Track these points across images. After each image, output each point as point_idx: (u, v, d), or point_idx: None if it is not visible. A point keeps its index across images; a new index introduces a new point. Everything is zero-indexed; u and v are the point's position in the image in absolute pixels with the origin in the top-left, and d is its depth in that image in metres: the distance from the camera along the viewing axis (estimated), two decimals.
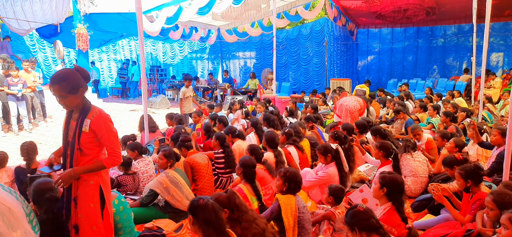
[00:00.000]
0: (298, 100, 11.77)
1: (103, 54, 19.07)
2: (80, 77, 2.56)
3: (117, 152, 2.65)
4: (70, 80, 2.51)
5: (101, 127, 2.59)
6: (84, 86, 2.59)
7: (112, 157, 2.63)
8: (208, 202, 2.40)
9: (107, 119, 2.63)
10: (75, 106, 2.62)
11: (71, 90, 2.52)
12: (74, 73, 2.55)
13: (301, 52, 17.72)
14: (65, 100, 2.55)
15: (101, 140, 2.61)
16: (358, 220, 2.51)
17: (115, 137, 2.67)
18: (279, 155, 4.58)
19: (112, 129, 2.65)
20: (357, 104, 7.58)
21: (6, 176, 4.26)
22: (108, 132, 2.61)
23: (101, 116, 2.62)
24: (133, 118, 10.92)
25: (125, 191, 4.45)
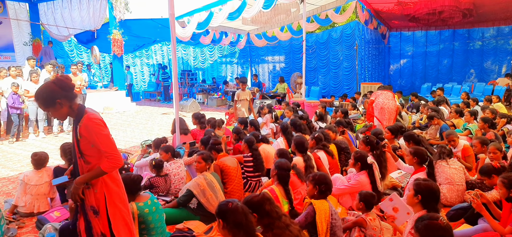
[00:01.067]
0: (328, 104, 11.64)
1: (136, 59, 19.70)
2: (57, 89, 2.51)
3: (113, 154, 2.53)
4: (43, 95, 2.51)
5: (90, 132, 2.51)
6: (62, 96, 2.52)
7: (109, 161, 2.52)
8: (238, 205, 2.40)
9: (94, 123, 2.52)
10: (65, 116, 2.63)
11: (48, 104, 2.52)
12: (48, 87, 2.52)
13: (331, 56, 17.53)
14: (50, 114, 2.61)
15: (95, 145, 2.53)
16: (433, 234, 2.39)
17: (108, 139, 2.55)
18: (308, 159, 4.55)
19: (102, 132, 2.53)
20: (394, 103, 7.41)
21: (46, 175, 4.48)
22: (98, 136, 2.51)
23: (88, 120, 2.52)
24: (165, 121, 11.19)
25: (157, 192, 4.56)
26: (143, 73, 20.14)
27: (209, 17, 11.89)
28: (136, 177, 3.37)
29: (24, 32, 14.92)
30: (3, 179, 5.77)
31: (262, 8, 11.00)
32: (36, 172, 4.41)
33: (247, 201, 2.66)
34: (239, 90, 8.36)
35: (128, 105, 13.50)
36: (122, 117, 12.01)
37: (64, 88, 2.55)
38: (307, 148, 4.73)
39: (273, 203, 2.77)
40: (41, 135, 8.86)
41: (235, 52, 20.54)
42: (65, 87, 2.56)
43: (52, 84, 2.54)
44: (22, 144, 8.23)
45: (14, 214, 4.28)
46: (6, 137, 8.58)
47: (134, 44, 15.36)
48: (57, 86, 2.52)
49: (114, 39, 12.96)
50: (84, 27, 14.06)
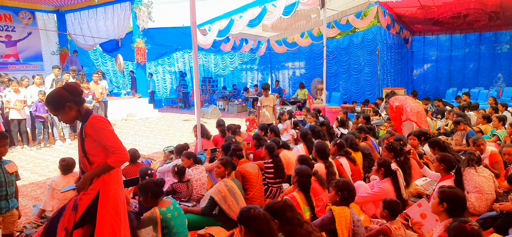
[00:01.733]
0: (349, 110, 11.49)
1: (159, 67, 20.08)
2: (66, 93, 2.68)
3: (119, 148, 2.64)
4: (53, 100, 2.68)
5: (96, 130, 2.64)
6: (71, 100, 2.69)
7: (116, 156, 2.63)
8: (260, 212, 2.40)
9: (100, 121, 2.67)
10: (73, 120, 2.76)
11: (57, 108, 2.69)
12: (58, 92, 2.71)
13: (352, 61, 17.34)
14: (59, 117, 2.78)
15: (101, 142, 2.66)
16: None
17: (113, 135, 2.67)
18: (330, 166, 4.50)
19: (107, 128, 2.67)
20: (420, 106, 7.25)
21: (73, 180, 4.58)
22: (104, 132, 2.64)
23: (94, 119, 2.67)
24: (186, 128, 11.33)
25: (179, 198, 4.61)
26: (165, 81, 20.51)
27: (229, 25, 12.01)
28: (159, 181, 3.43)
29: (52, 42, 15.51)
30: (31, 184, 5.97)
31: (282, 14, 11.03)
32: (63, 177, 4.54)
33: (268, 208, 2.65)
34: (262, 96, 8.36)
35: (151, 111, 13.75)
36: (145, 123, 12.24)
37: (73, 93, 2.71)
38: (329, 155, 4.68)
39: (294, 210, 2.75)
40: (67, 141, 9.13)
41: (255, 58, 20.64)
42: (74, 92, 2.72)
43: (62, 89, 2.73)
44: (50, 150, 8.50)
45: (41, 218, 4.41)
46: (34, 143, 8.89)
47: (157, 52, 15.68)
48: (66, 91, 2.70)
49: (138, 48, 13.27)
50: (109, 36, 14.48)
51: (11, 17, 14.10)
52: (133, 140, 9.67)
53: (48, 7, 15.08)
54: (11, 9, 14.01)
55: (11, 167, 3.56)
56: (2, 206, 3.42)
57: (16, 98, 8.25)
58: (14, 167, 3.61)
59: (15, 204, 3.59)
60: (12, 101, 8.20)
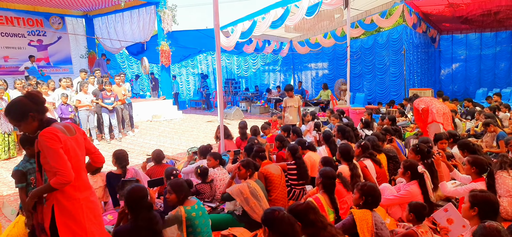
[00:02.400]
0: (374, 111, 11.28)
1: (182, 69, 20.39)
2: (29, 102, 2.52)
3: (62, 170, 2.43)
4: (15, 110, 2.52)
5: (42, 147, 2.48)
6: (34, 110, 2.53)
7: (57, 177, 2.43)
8: (285, 214, 2.39)
9: (47, 137, 2.45)
10: (35, 131, 2.57)
11: (20, 118, 2.52)
12: (20, 101, 2.53)
13: (377, 62, 17.02)
14: (21, 128, 2.58)
15: (46, 159, 2.49)
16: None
17: (56, 154, 2.45)
18: (354, 168, 4.43)
19: (52, 146, 2.44)
20: (447, 107, 7.04)
21: (100, 180, 4.72)
22: (47, 151, 2.45)
23: (42, 134, 2.46)
24: (209, 129, 11.44)
25: (203, 198, 4.66)
26: (189, 82, 20.80)
27: (252, 26, 12.05)
28: (190, 182, 3.49)
29: (80, 46, 16.05)
30: None
31: (305, 15, 10.97)
32: (92, 177, 4.67)
33: (291, 210, 2.64)
34: (286, 97, 8.33)
35: (175, 113, 13.97)
36: (169, 125, 12.45)
37: (36, 102, 2.56)
38: (353, 156, 4.61)
39: (318, 212, 2.73)
40: (95, 142, 9.41)
41: (278, 59, 20.61)
42: (37, 101, 2.57)
43: (23, 98, 2.56)
44: None
45: None
46: None
47: (181, 54, 15.91)
48: (28, 100, 2.54)
49: (162, 50, 13.51)
50: (135, 39, 14.82)
51: (42, 22, 14.69)
52: (158, 141, 9.86)
53: (77, 12, 15.62)
54: (42, 15, 14.59)
55: None
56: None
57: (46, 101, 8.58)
58: None
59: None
60: None
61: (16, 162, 5.67)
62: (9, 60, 13.87)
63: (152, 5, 13.63)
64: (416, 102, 7.29)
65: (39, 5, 13.87)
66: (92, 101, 9.25)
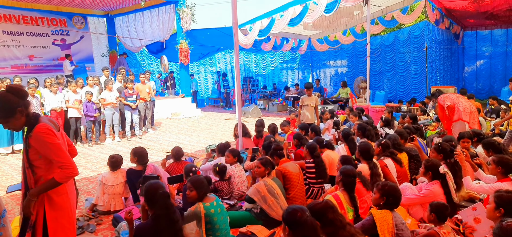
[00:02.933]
0: (395, 109, 11.08)
1: (201, 67, 20.55)
2: (15, 97, 2.42)
3: (67, 163, 2.45)
4: (3, 106, 2.40)
5: (40, 143, 2.42)
6: (22, 105, 2.44)
7: (63, 171, 2.45)
8: (307, 218, 2.37)
9: (44, 133, 2.42)
10: (22, 126, 2.50)
11: (9, 114, 2.41)
12: (5, 96, 2.41)
13: (398, 59, 16.69)
14: (8, 125, 2.46)
15: (45, 155, 2.46)
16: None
17: (59, 149, 2.45)
18: (374, 167, 4.36)
19: (52, 141, 2.43)
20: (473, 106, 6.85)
21: (121, 176, 4.83)
22: (49, 146, 2.42)
23: (38, 132, 2.42)
24: (227, 127, 11.49)
25: (221, 196, 4.68)
26: (207, 81, 20.96)
27: (270, 24, 12.02)
28: (209, 179, 3.52)
29: (102, 45, 16.41)
30: (84, 179, 6.34)
31: (324, 12, 10.86)
32: (113, 173, 4.78)
33: (310, 208, 2.62)
34: (304, 95, 8.27)
35: (194, 111, 14.11)
36: (188, 122, 12.58)
37: (21, 96, 2.47)
38: (373, 155, 4.54)
39: (336, 211, 2.70)
40: (116, 139, 9.60)
41: (296, 57, 20.51)
42: (22, 95, 2.48)
43: (9, 93, 2.43)
44: (100, 147, 8.98)
45: (93, 211, 4.67)
46: (86, 140, 9.44)
47: (199, 52, 16.05)
48: (14, 95, 2.44)
49: (181, 49, 13.66)
50: (154, 38, 15.04)
51: (65, 22, 15.09)
52: (177, 138, 9.97)
53: (99, 12, 15.96)
54: (65, 15, 14.98)
55: None
56: None
57: (74, 98, 8.83)
58: None
59: None
60: (70, 101, 8.78)
61: None
62: (34, 59, 14.31)
63: (171, 4, 13.79)
64: (441, 98, 7.07)
65: (62, 5, 14.24)
66: (116, 98, 9.44)
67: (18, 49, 13.89)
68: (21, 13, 13.77)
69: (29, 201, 2.46)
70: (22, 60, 13.98)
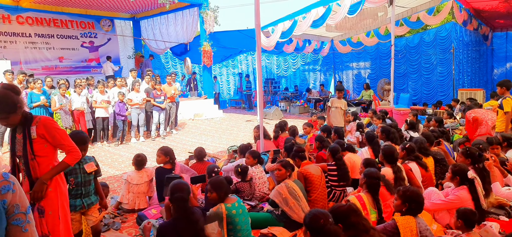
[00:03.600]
0: (420, 112, 10.82)
1: (223, 69, 20.72)
2: (15, 95, 2.57)
3: (74, 147, 2.76)
4: (6, 103, 2.52)
5: (50, 130, 2.66)
6: (20, 101, 2.59)
7: (71, 154, 2.74)
8: (331, 226, 2.36)
9: (52, 121, 2.72)
10: (18, 122, 2.65)
11: (11, 110, 2.55)
12: (7, 94, 2.54)
13: (423, 61, 16.30)
14: (8, 121, 2.60)
15: (55, 142, 2.70)
16: None
17: (66, 135, 2.77)
18: (398, 171, 4.28)
19: (60, 128, 2.74)
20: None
21: (145, 175, 4.93)
22: (58, 133, 2.70)
23: (46, 120, 2.69)
24: (248, 128, 11.54)
25: (242, 197, 4.71)
26: (229, 82, 21.11)
27: (293, 26, 12.00)
28: (229, 179, 3.55)
29: (128, 47, 16.83)
30: (109, 177, 6.51)
31: (347, 13, 10.75)
32: (138, 172, 4.89)
33: (333, 211, 2.61)
34: (334, 97, 8.14)
35: (216, 112, 14.24)
36: (210, 123, 12.72)
37: (18, 93, 2.64)
38: (397, 159, 4.46)
39: (360, 215, 2.68)
40: (141, 139, 9.81)
41: (318, 59, 20.37)
42: (19, 93, 2.66)
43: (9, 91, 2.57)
44: (126, 147, 9.21)
45: (118, 209, 4.80)
46: (113, 140, 9.69)
47: (222, 54, 16.21)
48: (12, 92, 2.58)
49: (204, 51, 13.84)
50: (178, 40, 15.30)
51: (93, 25, 15.56)
52: (199, 138, 10.10)
53: (125, 15, 16.38)
54: (93, 18, 15.46)
55: (90, 166, 3.40)
56: (76, 204, 3.27)
57: (102, 98, 9.10)
58: (93, 166, 3.43)
59: (93, 201, 3.44)
60: (98, 101, 9.05)
61: None
62: (63, 60, 14.83)
63: (195, 6, 13.99)
64: (468, 113, 7.01)
65: (91, 8, 14.69)
66: (144, 100, 9.65)
67: (48, 51, 14.43)
68: (52, 16, 14.31)
69: (42, 184, 2.64)
70: (52, 61, 14.51)
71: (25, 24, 13.82)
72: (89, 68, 15.37)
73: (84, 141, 3.38)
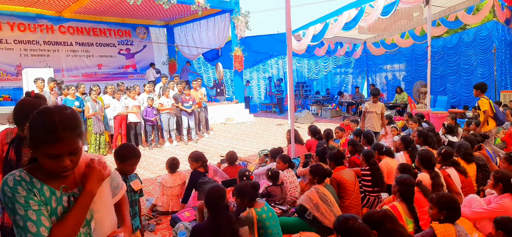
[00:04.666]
0: (459, 116, 10.37)
1: (254, 73, 20.84)
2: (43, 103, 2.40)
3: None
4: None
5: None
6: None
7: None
8: (360, 225, 2.32)
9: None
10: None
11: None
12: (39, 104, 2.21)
13: (462, 62, 15.61)
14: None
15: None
16: None
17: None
18: (436, 177, 4.11)
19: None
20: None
21: (179, 178, 5.04)
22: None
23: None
24: (279, 132, 11.52)
25: (274, 201, 4.71)
26: (260, 86, 21.19)
27: (324, 29, 11.89)
28: (256, 184, 3.56)
29: (162, 53, 17.34)
30: (144, 180, 6.70)
31: (380, 15, 10.51)
32: (171, 175, 5.01)
33: (367, 217, 2.55)
34: (369, 101, 7.79)
35: (247, 116, 14.33)
36: (241, 127, 12.81)
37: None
38: (435, 164, 4.29)
39: (396, 222, 2.60)
40: (174, 143, 10.04)
41: (350, 62, 20.03)
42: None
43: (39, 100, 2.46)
44: (159, 150, 9.45)
45: (153, 211, 4.93)
46: (146, 144, 9.97)
47: (253, 59, 16.31)
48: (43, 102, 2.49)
49: (236, 56, 13.99)
50: (210, 46, 15.57)
51: (130, 32, 16.17)
52: (230, 142, 10.20)
53: (160, 22, 16.89)
54: (130, 26, 16.07)
55: (136, 184, 3.18)
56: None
57: (133, 104, 9.40)
58: (139, 184, 3.22)
59: (137, 225, 3.18)
60: (130, 106, 9.36)
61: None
62: (102, 67, 15.50)
63: (227, 12, 14.19)
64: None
65: (127, 17, 15.28)
66: (172, 105, 9.89)
67: (88, 58, 15.14)
68: (91, 26, 15.01)
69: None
70: (91, 68, 15.21)
71: (67, 34, 14.59)
72: (125, 74, 15.97)
73: (138, 155, 3.12)
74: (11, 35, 13.48)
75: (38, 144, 1.41)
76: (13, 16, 13.35)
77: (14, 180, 1.41)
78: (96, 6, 13.15)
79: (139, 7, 13.04)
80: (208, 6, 12.91)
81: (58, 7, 13.27)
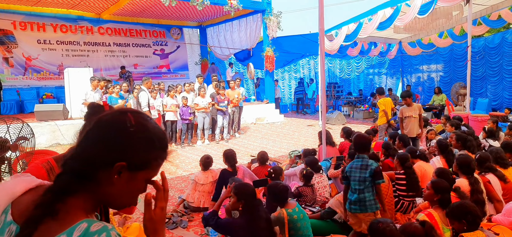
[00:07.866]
0: (500, 119, 9.85)
1: (285, 73, 20.79)
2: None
3: None
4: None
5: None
6: None
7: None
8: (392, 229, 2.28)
9: None
10: None
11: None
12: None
13: (505, 63, 14.80)
14: None
15: None
16: None
17: None
18: (475, 182, 3.94)
19: None
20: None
21: (210, 176, 5.14)
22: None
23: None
24: (310, 133, 11.43)
25: (304, 201, 4.69)
26: (290, 87, 21.11)
27: (357, 29, 11.69)
28: (285, 187, 3.57)
29: (195, 54, 17.69)
30: (177, 177, 6.87)
31: (417, 14, 10.19)
32: (204, 173, 5.12)
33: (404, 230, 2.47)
34: (403, 105, 7.30)
35: (277, 116, 14.33)
36: (271, 128, 12.83)
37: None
38: (474, 170, 4.11)
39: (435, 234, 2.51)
40: (206, 141, 10.21)
41: (384, 62, 19.51)
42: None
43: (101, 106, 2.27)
44: (192, 149, 9.65)
45: (185, 208, 5.05)
46: (179, 142, 10.20)
47: (284, 59, 16.28)
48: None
49: (267, 56, 14.02)
50: (242, 46, 15.70)
51: (164, 33, 16.61)
52: (261, 142, 10.24)
53: (193, 23, 17.24)
54: (164, 27, 16.51)
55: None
56: None
57: (171, 103, 9.66)
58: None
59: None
60: (168, 105, 9.62)
61: None
62: (138, 67, 16.02)
63: (259, 13, 14.25)
64: None
65: (162, 18, 15.71)
66: (209, 104, 10.06)
67: (125, 58, 15.70)
68: (128, 27, 15.56)
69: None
70: (128, 68, 15.74)
71: (105, 35, 15.21)
72: (160, 74, 16.42)
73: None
74: (53, 36, 14.21)
75: (144, 164, 1.02)
76: (56, 18, 14.08)
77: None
78: (133, 8, 13.62)
79: (174, 9, 13.36)
80: (240, 6, 13.01)
81: (98, 9, 13.87)
